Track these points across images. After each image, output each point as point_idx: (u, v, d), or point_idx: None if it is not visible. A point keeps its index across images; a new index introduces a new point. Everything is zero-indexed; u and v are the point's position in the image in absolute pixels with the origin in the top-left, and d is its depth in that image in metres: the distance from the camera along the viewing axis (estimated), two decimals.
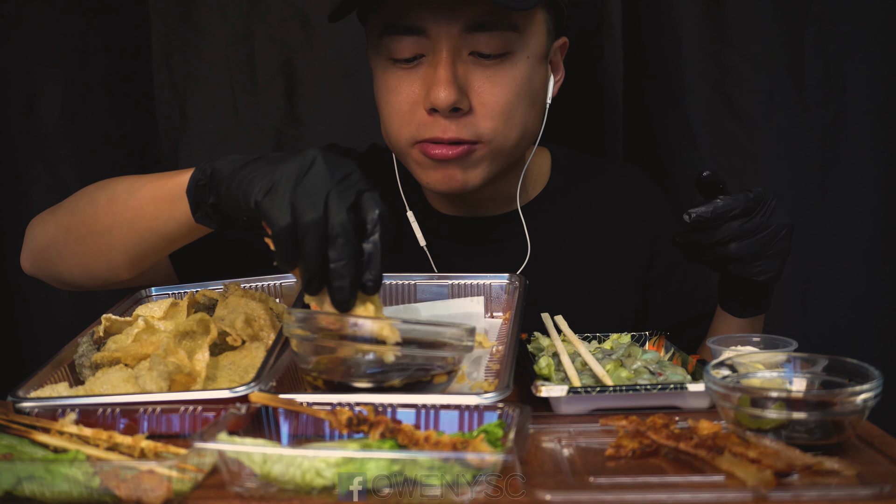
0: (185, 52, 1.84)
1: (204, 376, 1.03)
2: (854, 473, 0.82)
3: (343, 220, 0.92)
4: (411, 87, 1.30)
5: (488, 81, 1.28)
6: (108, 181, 1.25)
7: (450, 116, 1.27)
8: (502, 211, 1.48)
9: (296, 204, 0.92)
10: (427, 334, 0.95)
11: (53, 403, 0.96)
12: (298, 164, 0.95)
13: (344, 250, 0.92)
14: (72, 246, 1.24)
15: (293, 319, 0.97)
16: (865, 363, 0.92)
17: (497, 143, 1.31)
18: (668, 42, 1.76)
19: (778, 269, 1.21)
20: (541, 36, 1.33)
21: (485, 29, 1.26)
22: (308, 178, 0.94)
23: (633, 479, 0.82)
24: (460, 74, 1.27)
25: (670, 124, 1.79)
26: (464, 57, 1.28)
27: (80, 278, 1.27)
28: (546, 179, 1.53)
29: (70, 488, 0.80)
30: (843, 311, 1.77)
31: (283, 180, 0.94)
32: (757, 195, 1.17)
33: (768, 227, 1.17)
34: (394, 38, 1.29)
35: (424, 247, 1.45)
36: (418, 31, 1.27)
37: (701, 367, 1.09)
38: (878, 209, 1.75)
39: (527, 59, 1.30)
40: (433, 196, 1.49)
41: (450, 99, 1.25)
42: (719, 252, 1.17)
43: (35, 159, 1.78)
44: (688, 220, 1.15)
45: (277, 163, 0.97)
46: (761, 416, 0.88)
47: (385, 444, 0.83)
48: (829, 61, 1.73)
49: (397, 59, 1.30)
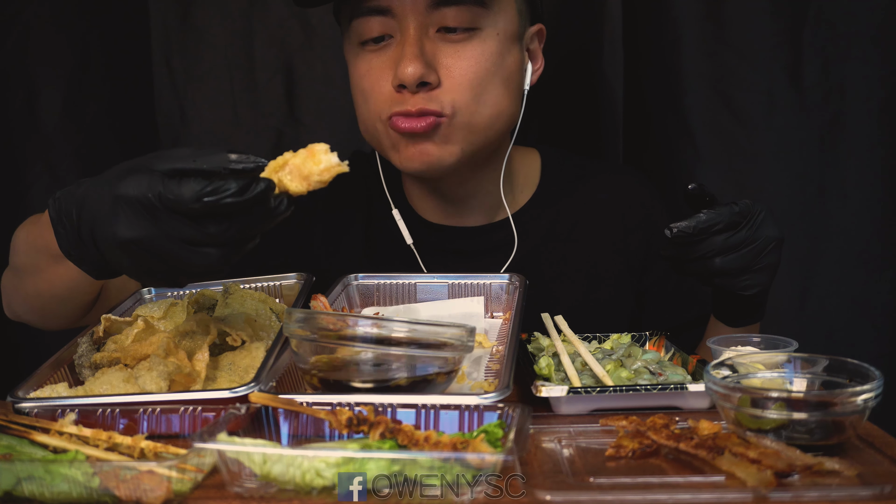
0: (185, 52, 1.84)
1: (204, 376, 1.03)
2: (855, 474, 0.82)
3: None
4: (381, 69, 1.31)
5: (456, 55, 1.29)
6: (15, 239, 1.23)
7: (417, 92, 1.28)
8: (490, 220, 1.47)
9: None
10: (427, 334, 0.95)
11: (53, 404, 0.96)
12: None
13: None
14: (23, 304, 1.27)
15: (293, 319, 0.97)
16: (866, 363, 0.92)
17: (465, 117, 1.30)
18: (668, 42, 1.76)
19: (766, 284, 1.19)
20: (511, 15, 1.33)
21: (451, 3, 1.27)
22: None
23: (633, 480, 0.82)
24: (427, 51, 1.28)
25: (670, 124, 1.79)
26: (431, 35, 1.29)
27: (48, 325, 1.30)
28: (535, 183, 1.52)
29: (70, 489, 0.80)
30: (842, 311, 1.77)
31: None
32: (743, 208, 1.15)
33: (754, 241, 1.15)
34: (361, 21, 1.31)
35: (411, 245, 1.44)
36: (384, 10, 1.28)
37: (701, 367, 1.08)
38: (877, 209, 1.75)
39: (496, 35, 1.31)
40: (419, 201, 1.48)
41: (416, 73, 1.25)
42: (705, 266, 1.16)
43: (35, 160, 1.78)
44: (669, 235, 1.14)
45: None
46: (762, 416, 0.88)
47: (385, 444, 0.83)
48: (828, 62, 1.73)
49: (365, 42, 1.31)
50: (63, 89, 1.77)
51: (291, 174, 0.90)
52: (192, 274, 0.91)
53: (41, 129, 1.77)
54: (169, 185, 0.86)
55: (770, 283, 1.20)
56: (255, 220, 0.89)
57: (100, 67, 1.80)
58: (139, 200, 0.87)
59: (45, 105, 1.77)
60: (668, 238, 1.14)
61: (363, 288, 1.33)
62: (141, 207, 0.87)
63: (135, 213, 0.88)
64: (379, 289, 1.33)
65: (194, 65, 1.85)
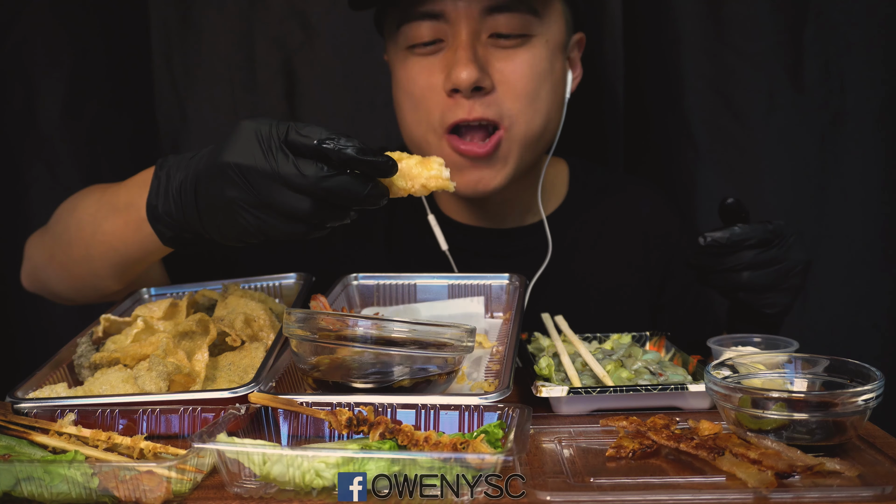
0: (185, 52, 1.84)
1: (203, 377, 1.02)
2: (855, 474, 0.82)
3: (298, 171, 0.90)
4: (431, 73, 1.29)
5: (508, 60, 1.28)
6: (76, 201, 1.24)
7: (472, 97, 1.26)
8: (519, 223, 1.47)
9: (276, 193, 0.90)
10: (427, 335, 0.95)
11: (52, 404, 0.96)
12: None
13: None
14: (58, 271, 1.25)
15: (293, 319, 0.96)
16: (866, 363, 0.92)
17: (522, 127, 1.29)
18: (668, 42, 1.76)
19: (788, 305, 1.20)
20: (559, 24, 1.33)
21: (504, 10, 1.26)
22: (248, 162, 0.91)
23: (633, 480, 0.82)
24: (480, 55, 1.27)
25: (670, 124, 1.79)
26: (483, 40, 1.28)
27: (75, 296, 1.28)
28: (563, 192, 1.51)
29: (69, 489, 0.79)
30: (843, 312, 1.77)
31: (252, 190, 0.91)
32: (776, 228, 1.16)
33: (784, 261, 1.16)
34: (412, 25, 1.29)
35: (447, 251, 1.41)
36: (437, 15, 1.27)
37: (701, 367, 1.08)
38: (878, 208, 1.75)
39: (546, 43, 1.30)
40: (448, 204, 1.47)
41: (472, 77, 1.24)
42: (731, 279, 1.16)
43: (35, 159, 1.77)
44: (702, 242, 1.14)
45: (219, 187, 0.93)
46: (762, 416, 0.88)
47: (385, 445, 0.83)
48: (829, 61, 1.73)
49: (415, 45, 1.29)
50: (63, 89, 1.77)
51: (400, 173, 0.94)
52: (278, 222, 0.91)
53: (40, 128, 1.77)
54: (300, 125, 0.90)
55: (792, 305, 1.21)
56: (352, 185, 0.90)
57: (100, 67, 1.80)
58: (261, 132, 0.90)
59: (44, 104, 1.77)
60: (699, 246, 1.14)
61: (363, 288, 1.33)
62: (261, 138, 0.90)
63: (252, 142, 0.90)
64: (379, 289, 1.32)
65: (194, 65, 1.85)
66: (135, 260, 1.16)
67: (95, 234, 1.16)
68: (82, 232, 1.18)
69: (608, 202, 1.52)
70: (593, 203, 1.51)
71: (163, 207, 0.99)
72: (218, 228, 0.96)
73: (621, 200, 1.53)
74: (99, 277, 1.20)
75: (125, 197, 1.12)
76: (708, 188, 1.75)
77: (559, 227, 1.48)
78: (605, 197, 1.53)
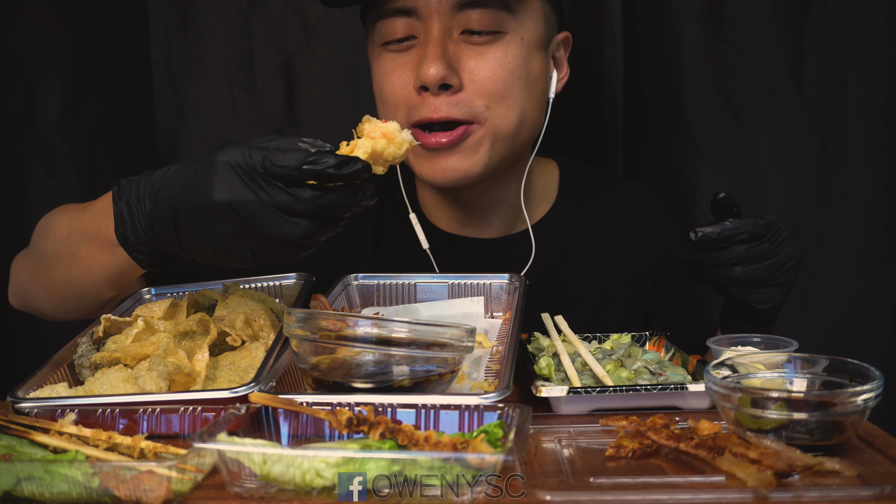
0: (185, 52, 1.84)
1: (203, 376, 1.02)
2: (855, 474, 0.82)
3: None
4: (403, 70, 1.30)
5: (479, 58, 1.28)
6: (48, 224, 1.23)
7: (440, 94, 1.26)
8: (507, 232, 1.46)
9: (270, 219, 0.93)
10: (427, 334, 0.95)
11: (53, 404, 0.96)
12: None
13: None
14: (42, 291, 1.25)
15: (293, 319, 0.97)
16: (866, 363, 0.92)
17: (494, 124, 1.29)
18: (668, 42, 1.76)
19: (780, 300, 1.19)
20: (536, 21, 1.32)
21: (476, 6, 1.26)
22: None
23: (633, 480, 0.82)
24: (451, 53, 1.27)
25: (670, 124, 1.79)
26: (455, 37, 1.28)
27: (61, 315, 1.27)
28: (553, 196, 1.50)
29: (69, 489, 0.79)
30: (843, 311, 1.76)
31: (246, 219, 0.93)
32: (768, 223, 1.15)
33: (776, 255, 1.16)
34: (385, 22, 1.30)
35: (427, 250, 1.42)
36: (409, 11, 1.28)
37: (701, 367, 1.08)
38: (879, 209, 1.74)
39: (520, 40, 1.30)
40: (434, 210, 1.47)
41: (438, 74, 1.24)
42: (723, 274, 1.16)
43: (34, 159, 1.77)
44: (693, 237, 1.14)
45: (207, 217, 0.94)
46: (762, 416, 0.88)
47: (385, 444, 0.83)
48: (830, 61, 1.72)
49: (390, 42, 1.30)
50: (62, 89, 1.77)
51: (374, 157, 0.97)
52: (273, 249, 0.94)
53: (40, 128, 1.77)
54: (273, 153, 0.92)
55: (784, 300, 1.20)
56: (346, 198, 0.93)
57: (99, 67, 1.80)
58: (240, 165, 0.92)
59: (43, 104, 1.76)
60: (690, 241, 1.14)
61: (363, 288, 1.33)
62: (241, 172, 0.92)
63: (234, 177, 0.92)
64: (379, 289, 1.33)
65: (194, 65, 1.85)
66: (115, 280, 1.16)
67: (73, 258, 1.16)
68: (60, 257, 1.18)
69: (599, 206, 1.51)
70: (583, 206, 1.50)
71: (134, 238, 1.01)
72: (209, 258, 0.98)
73: (612, 204, 1.52)
74: (82, 297, 1.21)
75: (93, 225, 1.11)
76: (708, 189, 1.74)
77: (548, 231, 1.47)
78: (596, 200, 1.52)
